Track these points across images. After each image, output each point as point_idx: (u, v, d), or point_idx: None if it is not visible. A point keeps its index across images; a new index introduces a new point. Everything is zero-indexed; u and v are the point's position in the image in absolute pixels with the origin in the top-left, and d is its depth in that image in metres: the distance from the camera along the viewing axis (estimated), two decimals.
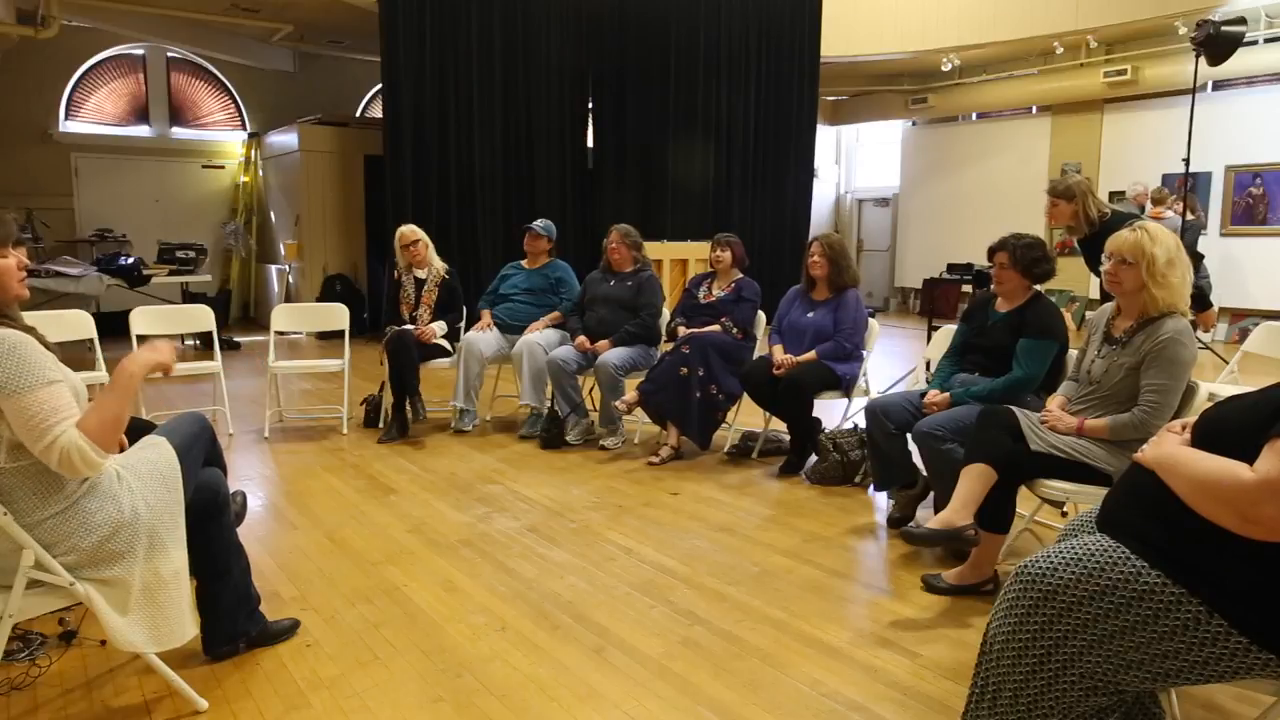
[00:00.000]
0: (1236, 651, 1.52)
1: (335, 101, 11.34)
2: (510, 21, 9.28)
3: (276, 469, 4.49)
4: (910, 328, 11.32)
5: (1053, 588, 1.64)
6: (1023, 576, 1.70)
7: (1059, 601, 1.63)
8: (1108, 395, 2.78)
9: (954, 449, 3.06)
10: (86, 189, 10.19)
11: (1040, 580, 1.66)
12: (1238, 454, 1.56)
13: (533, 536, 3.49)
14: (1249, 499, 1.48)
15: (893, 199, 14.00)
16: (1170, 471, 1.65)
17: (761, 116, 11.06)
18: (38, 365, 1.92)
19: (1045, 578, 1.66)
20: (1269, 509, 1.46)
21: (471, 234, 9.24)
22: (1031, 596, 1.66)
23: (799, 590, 2.98)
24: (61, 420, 1.91)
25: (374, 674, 2.40)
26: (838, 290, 4.46)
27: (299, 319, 6.38)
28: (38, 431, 1.88)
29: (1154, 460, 1.70)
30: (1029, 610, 1.66)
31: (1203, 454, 1.62)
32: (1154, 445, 1.74)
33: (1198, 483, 1.59)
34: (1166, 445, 1.71)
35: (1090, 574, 1.62)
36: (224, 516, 2.38)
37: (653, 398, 4.59)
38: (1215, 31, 5.81)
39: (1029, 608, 1.66)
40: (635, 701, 2.26)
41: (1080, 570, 1.64)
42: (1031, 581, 1.67)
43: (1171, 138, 9.46)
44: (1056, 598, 1.63)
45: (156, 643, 2.08)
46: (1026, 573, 1.70)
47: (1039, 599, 1.65)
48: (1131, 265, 2.67)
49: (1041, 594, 1.65)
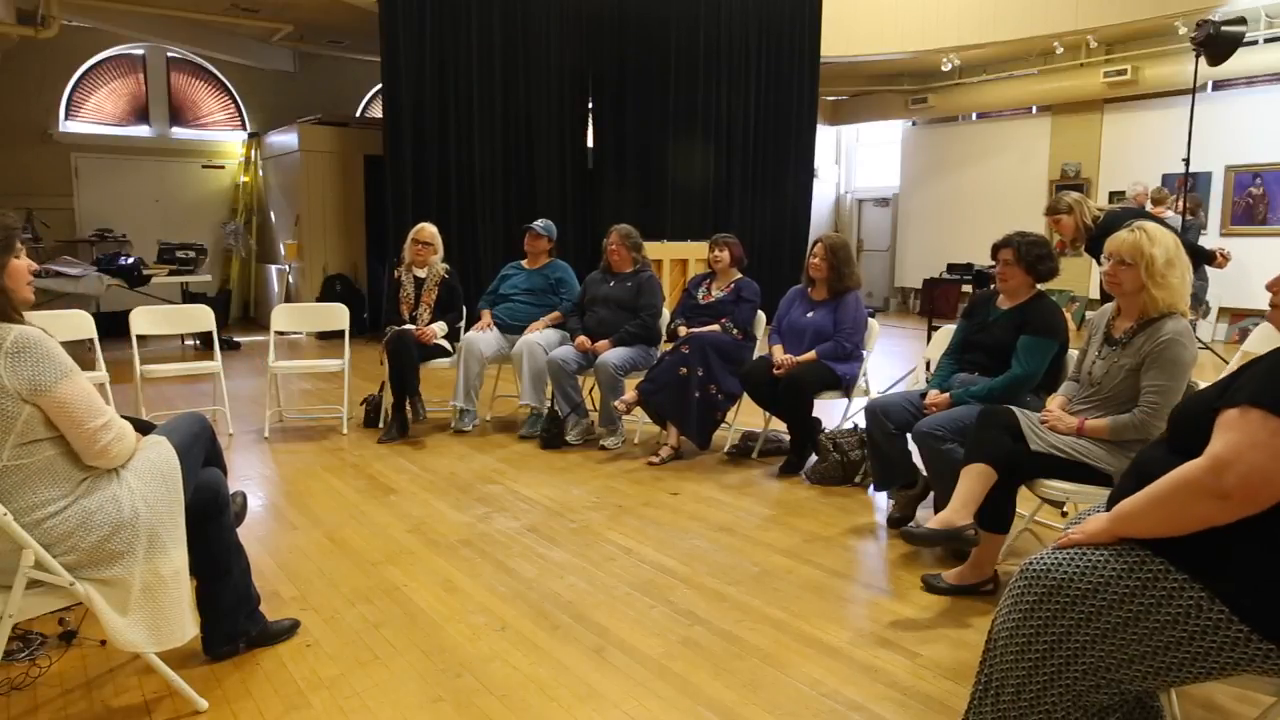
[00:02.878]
0: (1237, 641, 1.52)
1: (335, 101, 11.34)
2: (510, 21, 9.28)
3: (276, 469, 4.49)
4: (910, 328, 11.32)
5: (1056, 583, 1.64)
6: (1026, 573, 1.70)
7: (1062, 597, 1.63)
8: (1108, 396, 2.78)
9: (954, 449, 3.06)
10: (86, 189, 10.19)
11: (1043, 576, 1.67)
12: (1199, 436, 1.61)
13: (533, 536, 3.48)
14: (1212, 481, 1.52)
15: (893, 199, 14.00)
16: (1130, 521, 1.66)
17: (761, 116, 11.06)
18: (62, 355, 1.99)
19: (1049, 574, 1.66)
20: (1231, 476, 1.50)
21: (471, 234, 9.24)
22: (1035, 593, 1.67)
23: (799, 590, 2.97)
24: (104, 403, 2.03)
25: (374, 674, 2.40)
26: (838, 292, 4.46)
27: (299, 319, 6.38)
28: (93, 411, 1.99)
29: (1108, 526, 1.69)
30: (1032, 607, 1.66)
31: (1142, 491, 1.65)
32: (1092, 520, 1.74)
33: (1163, 508, 1.60)
34: (1105, 516, 1.71)
35: (1093, 567, 1.63)
36: (224, 516, 2.38)
37: (652, 398, 4.59)
38: (1215, 31, 5.82)
39: (1032, 604, 1.67)
40: (635, 701, 2.26)
41: (1084, 564, 1.64)
42: (1035, 578, 1.68)
43: (1171, 138, 9.46)
44: (1059, 593, 1.64)
45: (156, 643, 2.08)
46: (1030, 570, 1.70)
47: (1042, 595, 1.65)
48: (1130, 266, 2.67)
49: (1044, 590, 1.65)
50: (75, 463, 2.02)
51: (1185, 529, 1.58)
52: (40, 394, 1.91)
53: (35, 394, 1.91)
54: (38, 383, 1.91)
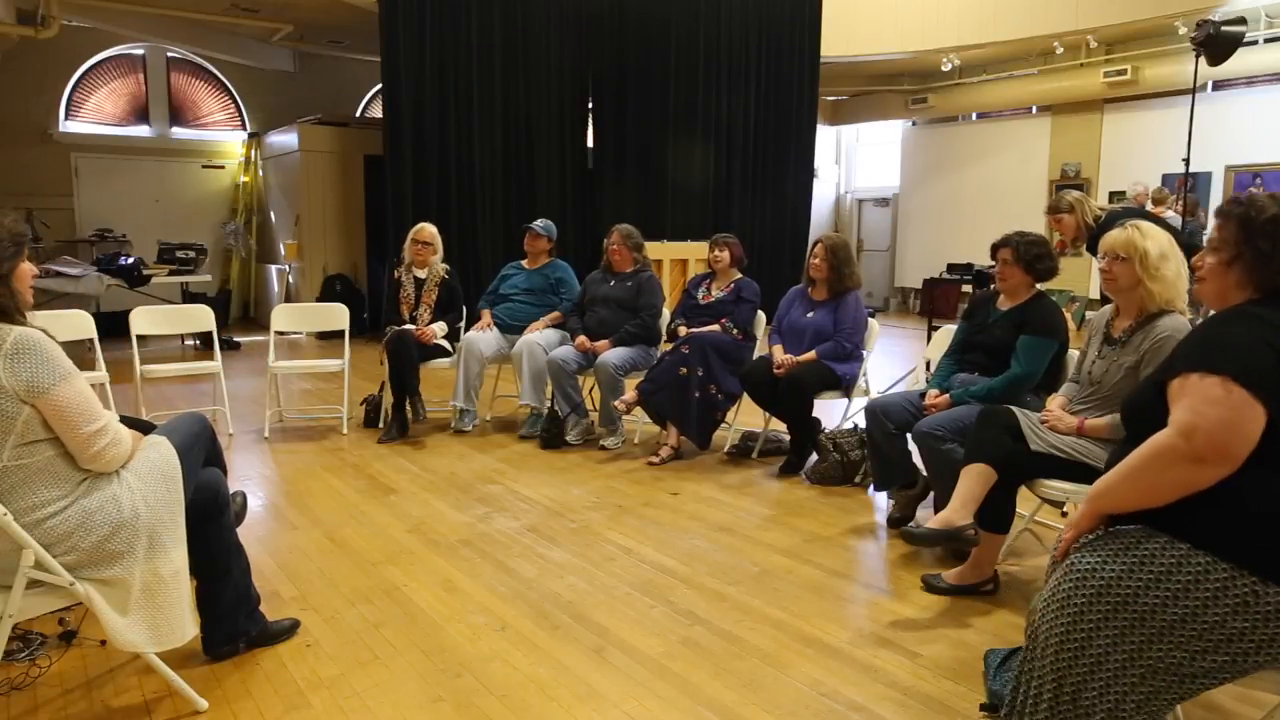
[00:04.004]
0: None
1: (335, 101, 11.34)
2: (510, 21, 9.28)
3: (276, 469, 4.49)
4: (910, 328, 11.32)
5: (1104, 583, 1.63)
6: (1072, 574, 1.69)
7: (1113, 596, 1.62)
8: (1108, 396, 2.78)
9: (954, 449, 3.06)
10: (86, 189, 10.19)
11: (1091, 577, 1.65)
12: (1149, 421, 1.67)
13: (533, 536, 3.48)
14: (1184, 445, 1.57)
15: (893, 199, 14.00)
16: (1107, 498, 1.72)
17: (761, 116, 11.06)
18: (62, 357, 1.99)
19: (1095, 574, 1.65)
20: (1200, 437, 1.55)
21: (471, 234, 9.24)
22: (1084, 594, 1.65)
23: (799, 590, 2.97)
24: (101, 408, 2.03)
25: (374, 674, 2.40)
26: (838, 292, 4.46)
27: (299, 319, 6.38)
28: (88, 416, 1.98)
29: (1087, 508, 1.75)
30: (1083, 608, 1.65)
31: (1118, 465, 1.71)
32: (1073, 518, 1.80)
33: (1139, 479, 1.66)
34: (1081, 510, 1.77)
35: (1139, 564, 1.62)
36: (224, 516, 2.38)
37: (652, 398, 4.59)
38: (1215, 31, 5.81)
39: (1083, 605, 1.65)
40: (635, 701, 2.26)
41: (1129, 561, 1.63)
42: (1082, 579, 1.67)
43: (1171, 138, 9.45)
44: (1109, 593, 1.63)
45: (156, 643, 2.08)
46: (1076, 570, 1.69)
47: (1092, 596, 1.64)
48: (1125, 260, 2.68)
49: (1094, 591, 1.64)
50: (75, 463, 2.02)
51: (1164, 497, 1.63)
52: (37, 396, 1.92)
53: (32, 395, 1.91)
54: (35, 384, 1.91)
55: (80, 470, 2.03)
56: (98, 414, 2.02)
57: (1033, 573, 3.13)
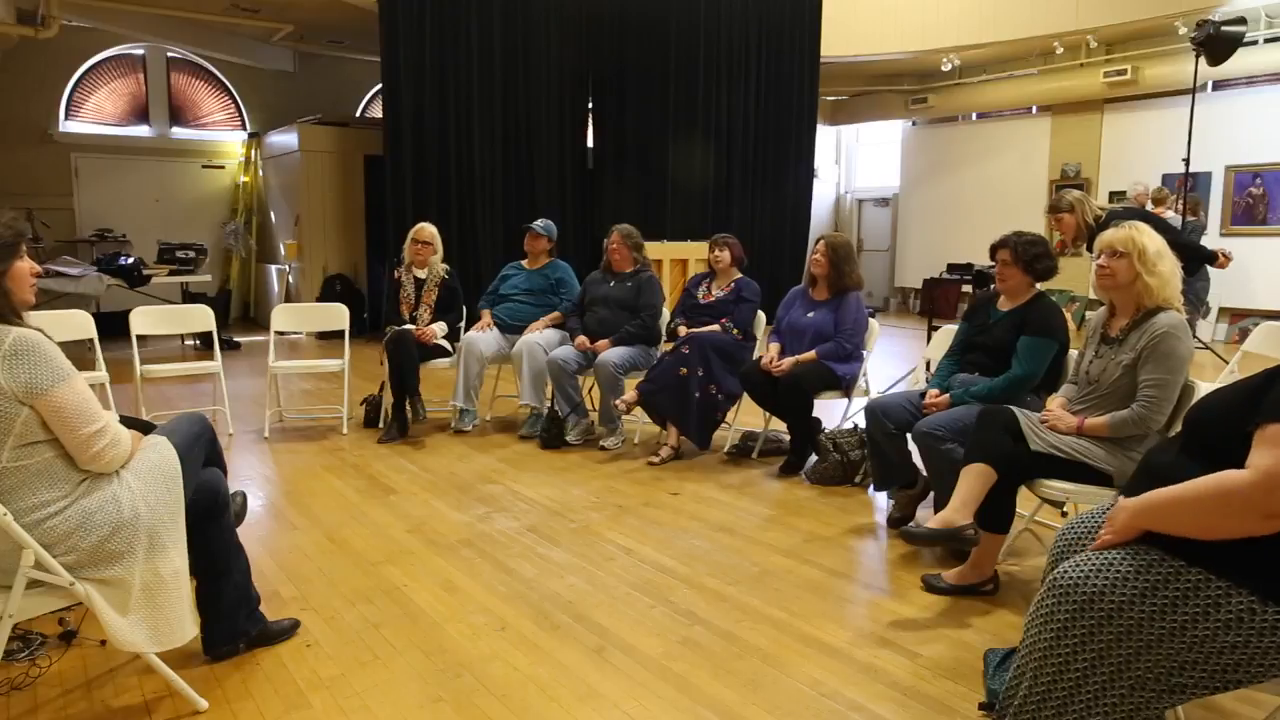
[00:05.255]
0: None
1: (335, 101, 11.34)
2: (510, 21, 9.28)
3: (276, 469, 4.49)
4: (910, 328, 11.31)
5: (1090, 595, 1.62)
6: (1056, 588, 1.67)
7: (1097, 611, 1.61)
8: (1107, 394, 2.78)
9: (954, 449, 3.06)
10: (86, 189, 10.19)
11: (1074, 590, 1.64)
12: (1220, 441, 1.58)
13: (533, 536, 3.49)
14: (1261, 499, 1.49)
15: (893, 199, 14.00)
16: (1157, 517, 1.63)
17: (761, 116, 11.06)
18: (60, 359, 1.98)
19: (1079, 587, 1.63)
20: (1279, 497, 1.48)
21: (471, 234, 9.24)
22: (1068, 607, 1.64)
23: (799, 590, 2.97)
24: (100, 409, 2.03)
25: (374, 674, 2.40)
26: (839, 292, 4.46)
27: (299, 319, 6.38)
28: (87, 417, 1.98)
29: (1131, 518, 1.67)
30: (1067, 622, 1.63)
31: (1176, 487, 1.61)
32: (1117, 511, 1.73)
33: (1198, 513, 1.58)
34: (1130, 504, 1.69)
35: (1127, 577, 1.61)
36: (224, 517, 2.38)
37: (652, 398, 4.59)
38: (1215, 31, 5.82)
39: (1067, 619, 1.64)
40: (635, 701, 2.26)
41: (1116, 575, 1.62)
42: (1066, 592, 1.65)
43: (1171, 138, 9.46)
44: (1094, 607, 1.61)
45: (156, 643, 2.08)
46: (1059, 583, 1.67)
47: (1075, 610, 1.63)
48: (1123, 255, 2.68)
49: (1078, 604, 1.62)
50: (74, 464, 2.02)
51: (1215, 536, 1.56)
52: (35, 397, 1.91)
53: (30, 396, 1.91)
54: (33, 386, 1.91)
55: (80, 471, 2.03)
56: (97, 415, 2.01)
57: (1033, 573, 3.13)
